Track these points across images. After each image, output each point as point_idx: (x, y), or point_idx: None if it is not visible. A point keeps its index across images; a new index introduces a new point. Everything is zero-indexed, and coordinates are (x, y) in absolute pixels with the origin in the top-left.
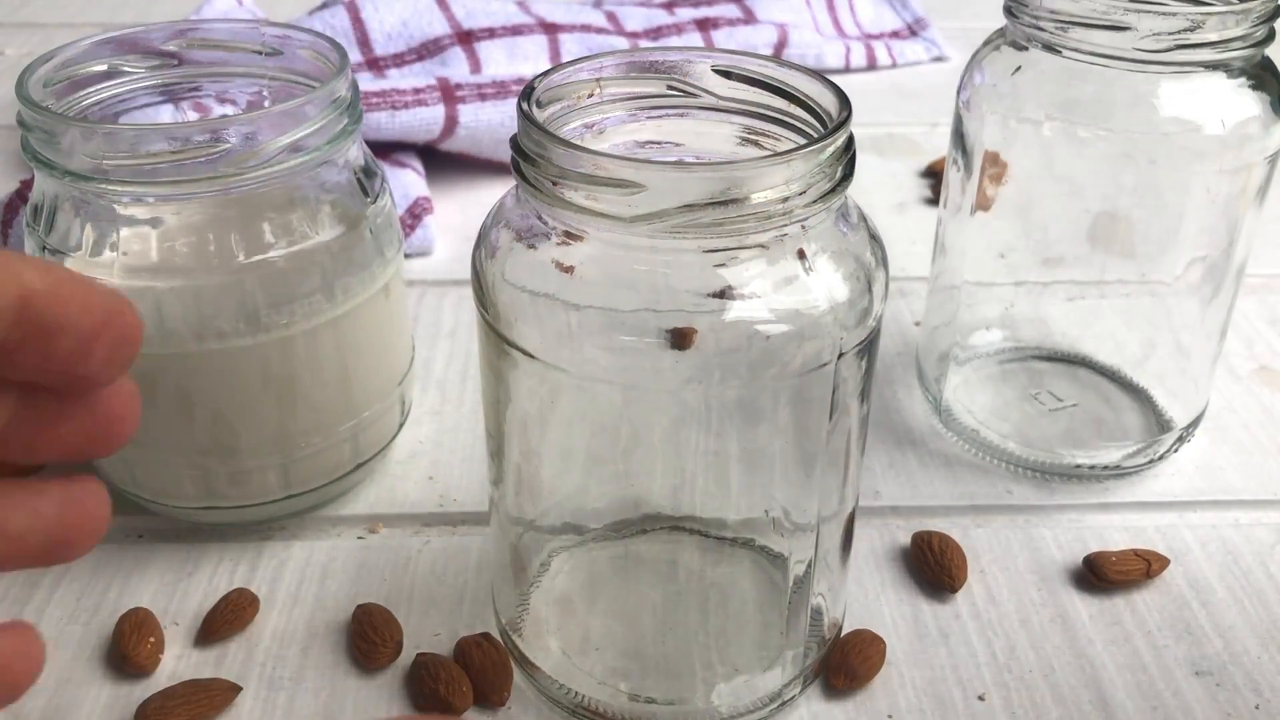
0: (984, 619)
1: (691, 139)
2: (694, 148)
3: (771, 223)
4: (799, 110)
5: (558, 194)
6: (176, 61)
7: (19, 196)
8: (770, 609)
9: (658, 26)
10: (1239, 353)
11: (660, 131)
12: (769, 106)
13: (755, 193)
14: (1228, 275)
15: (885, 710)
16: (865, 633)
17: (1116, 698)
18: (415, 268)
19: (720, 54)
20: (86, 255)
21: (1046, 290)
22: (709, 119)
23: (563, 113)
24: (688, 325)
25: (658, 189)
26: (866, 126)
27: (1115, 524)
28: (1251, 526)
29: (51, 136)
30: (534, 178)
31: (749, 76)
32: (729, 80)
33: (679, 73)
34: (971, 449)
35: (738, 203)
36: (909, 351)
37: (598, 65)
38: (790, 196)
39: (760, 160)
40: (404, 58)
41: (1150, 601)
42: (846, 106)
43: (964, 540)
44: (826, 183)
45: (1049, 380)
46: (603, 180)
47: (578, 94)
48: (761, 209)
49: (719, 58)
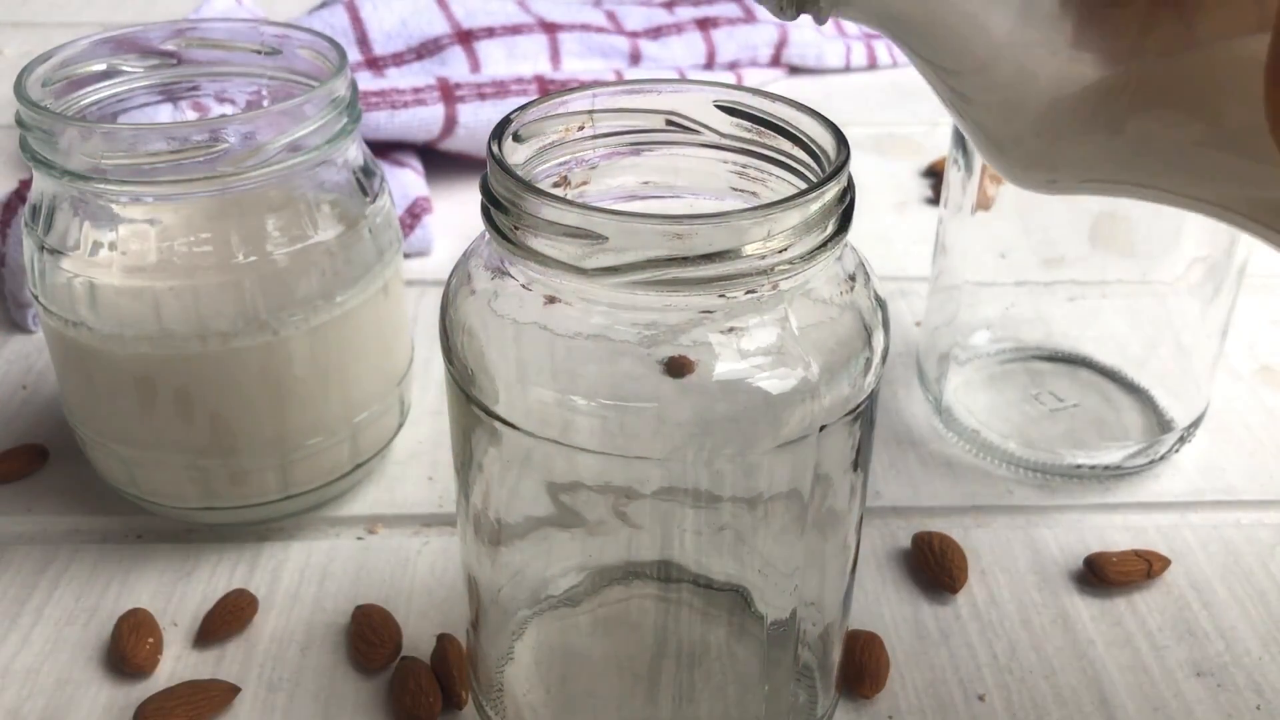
0: (984, 619)
1: (688, 179)
2: (689, 189)
3: (749, 281)
4: (799, 152)
5: (520, 240)
6: (175, 61)
7: (17, 196)
8: (754, 684)
9: (658, 26)
10: (1240, 353)
11: (657, 170)
12: (769, 146)
13: (731, 248)
14: (1229, 275)
15: (885, 710)
16: (865, 633)
17: (1117, 698)
18: (414, 268)
19: (722, 89)
20: (85, 255)
21: (1047, 290)
22: (707, 157)
23: (551, 146)
24: (683, 355)
25: (618, 240)
26: (866, 126)
27: (1116, 524)
28: (1253, 527)
29: (50, 136)
30: (501, 223)
31: (751, 114)
32: (731, 116)
33: (679, 110)
34: (972, 449)
35: (710, 259)
36: (909, 352)
37: (589, 96)
38: (768, 254)
39: (740, 213)
40: (403, 57)
41: (1151, 602)
42: (844, 150)
43: (964, 541)
44: (815, 238)
45: (1050, 380)
46: (563, 229)
47: (567, 127)
48: (737, 267)
49: (720, 92)
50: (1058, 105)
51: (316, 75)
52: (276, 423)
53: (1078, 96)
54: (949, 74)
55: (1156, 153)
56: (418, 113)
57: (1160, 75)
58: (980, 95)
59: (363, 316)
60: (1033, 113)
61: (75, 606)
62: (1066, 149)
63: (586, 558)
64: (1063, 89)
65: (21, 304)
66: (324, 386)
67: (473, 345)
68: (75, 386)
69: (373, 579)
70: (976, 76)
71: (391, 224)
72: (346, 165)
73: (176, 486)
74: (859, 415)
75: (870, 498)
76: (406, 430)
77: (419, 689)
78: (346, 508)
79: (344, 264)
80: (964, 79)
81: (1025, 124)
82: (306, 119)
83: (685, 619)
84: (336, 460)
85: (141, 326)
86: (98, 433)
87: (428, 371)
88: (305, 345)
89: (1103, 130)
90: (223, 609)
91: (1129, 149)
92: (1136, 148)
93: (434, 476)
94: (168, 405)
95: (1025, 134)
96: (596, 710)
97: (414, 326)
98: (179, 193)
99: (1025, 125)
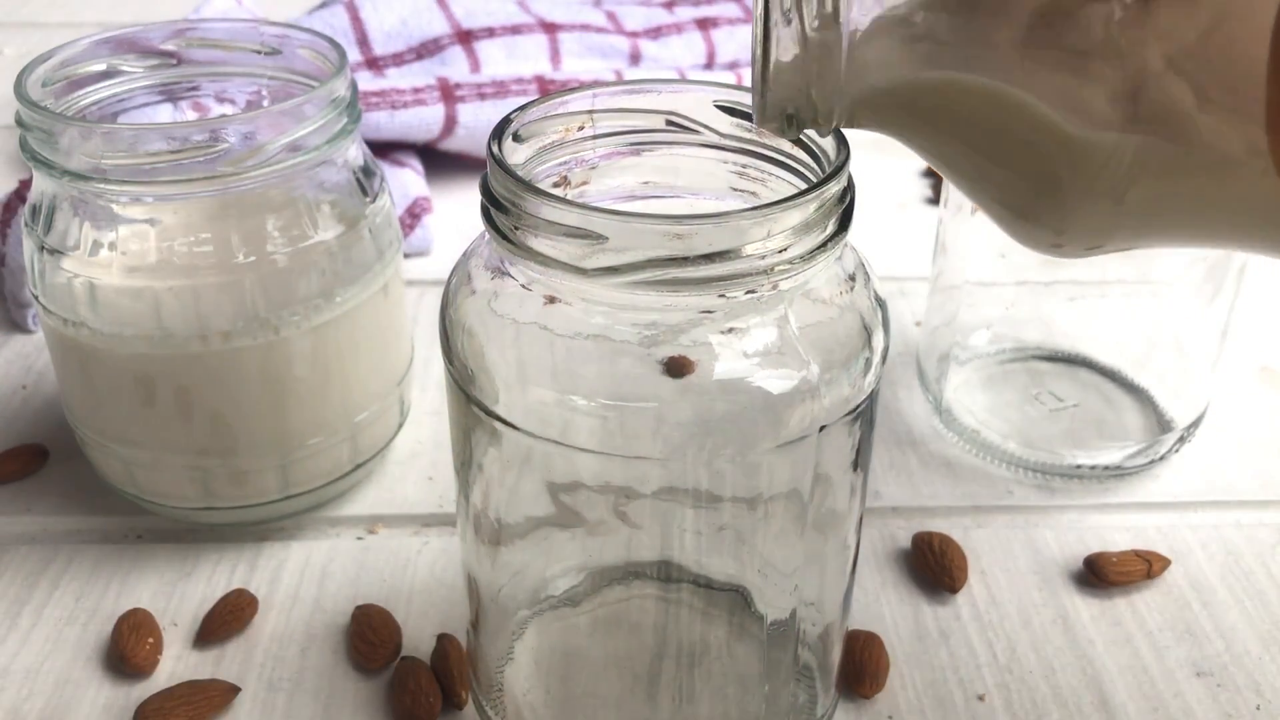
0: (984, 619)
1: (688, 179)
2: (689, 189)
3: (749, 281)
4: (799, 152)
5: (520, 239)
6: (175, 61)
7: (17, 196)
8: (754, 684)
9: (658, 26)
10: (1240, 353)
11: (657, 170)
12: (769, 146)
13: (731, 248)
14: (1229, 275)
15: (885, 710)
16: (865, 633)
17: (1117, 698)
18: (414, 267)
19: (722, 89)
20: (85, 255)
21: (1047, 290)
22: (707, 157)
23: (551, 146)
24: (683, 355)
25: (618, 240)
26: None
27: (1116, 524)
28: (1253, 527)
29: (50, 136)
30: (501, 223)
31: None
32: (731, 116)
33: (679, 110)
34: (972, 449)
35: (710, 259)
36: (909, 352)
37: (589, 97)
38: (768, 254)
39: (740, 213)
40: (403, 57)
41: (1151, 602)
42: (844, 150)
43: (964, 541)
44: (815, 238)
45: (1050, 380)
46: (563, 229)
47: (567, 127)
48: (738, 267)
49: (720, 92)
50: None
51: (316, 75)
52: (276, 423)
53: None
54: (967, 178)
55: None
56: (418, 113)
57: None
58: (1004, 186)
59: (363, 316)
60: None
61: (75, 606)
62: (1083, 219)
63: (586, 558)
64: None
65: (21, 304)
66: (324, 386)
67: (473, 345)
68: (75, 386)
69: (373, 579)
70: (1003, 170)
71: (391, 224)
72: (346, 165)
73: (176, 486)
74: (859, 415)
75: (870, 498)
76: (406, 430)
77: (419, 689)
78: (346, 508)
79: (344, 264)
80: (987, 177)
81: (1052, 204)
82: (306, 119)
83: (685, 619)
84: (336, 460)
85: (141, 326)
86: (98, 433)
87: (428, 371)
88: (305, 345)
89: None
90: (223, 609)
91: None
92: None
93: (434, 476)
94: (168, 405)
95: (1049, 211)
96: (596, 710)
97: (414, 326)
98: (179, 193)
99: (1052, 205)
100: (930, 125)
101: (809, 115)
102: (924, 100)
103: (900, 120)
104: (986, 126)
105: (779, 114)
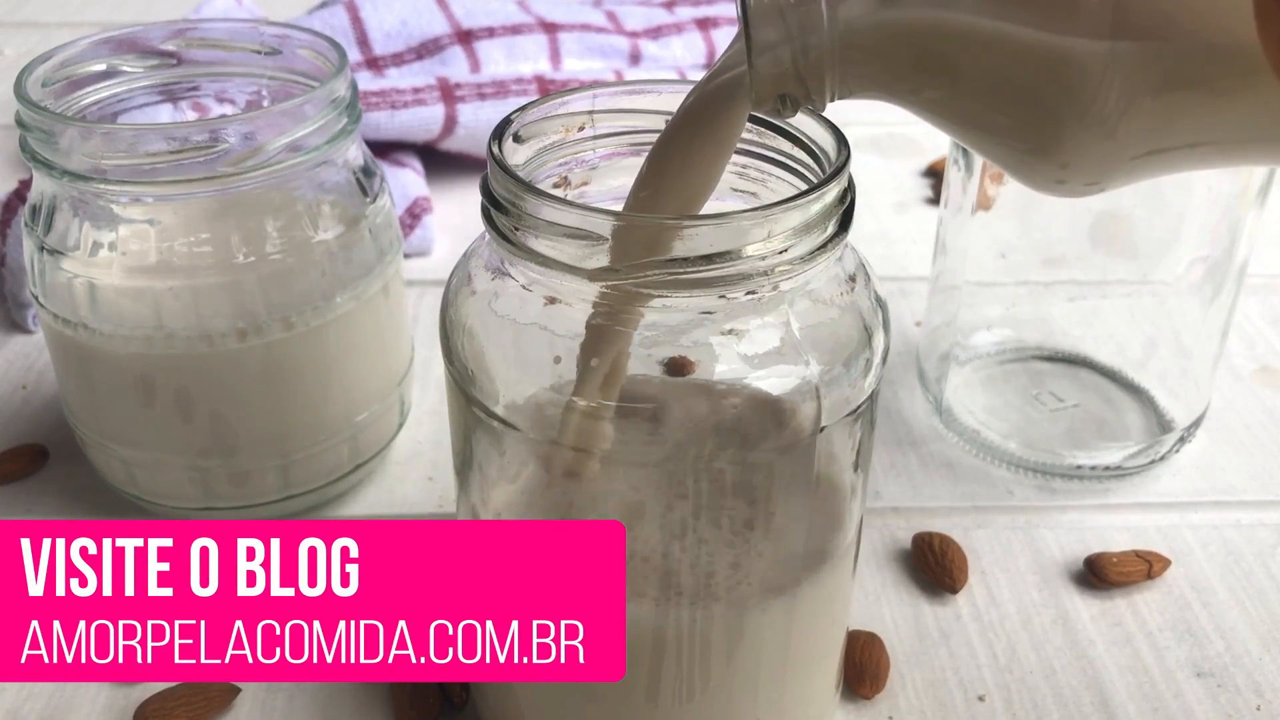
0: (985, 620)
1: None
2: None
3: (750, 282)
4: (799, 152)
5: (520, 240)
6: (175, 61)
7: (17, 196)
8: None
9: (658, 26)
10: (1240, 353)
11: None
12: (769, 146)
13: (732, 249)
14: (1229, 275)
15: (885, 710)
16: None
17: (1117, 699)
18: (414, 268)
19: None
20: (85, 255)
21: (1048, 290)
22: None
23: (552, 147)
24: (683, 356)
25: (619, 241)
26: (867, 125)
27: (1116, 525)
28: (1253, 527)
29: (50, 136)
30: (501, 224)
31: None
32: None
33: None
34: (972, 449)
35: (710, 260)
36: (909, 352)
37: (589, 97)
38: (768, 255)
39: (741, 213)
40: (403, 57)
41: (1151, 602)
42: (844, 150)
43: (965, 541)
44: (815, 239)
45: (1050, 380)
46: (563, 230)
47: (567, 127)
48: (738, 268)
49: None
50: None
51: (316, 75)
52: (276, 423)
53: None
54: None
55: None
56: (418, 113)
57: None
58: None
59: (363, 316)
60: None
61: None
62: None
63: None
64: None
65: (21, 304)
66: (324, 386)
67: (473, 345)
68: (75, 386)
69: None
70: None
71: (391, 224)
72: (346, 165)
73: (176, 486)
74: (859, 415)
75: (870, 498)
76: (406, 430)
77: (418, 689)
78: (346, 508)
79: (344, 264)
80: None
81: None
82: (306, 119)
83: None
84: (336, 460)
85: (141, 327)
86: (98, 433)
87: (428, 371)
88: (305, 345)
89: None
90: None
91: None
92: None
93: (434, 476)
94: (168, 405)
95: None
96: (596, 710)
97: (414, 326)
98: (179, 193)
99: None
100: (921, 74)
101: (800, 90)
102: (912, 48)
103: (891, 74)
104: (977, 66)
105: (771, 94)
